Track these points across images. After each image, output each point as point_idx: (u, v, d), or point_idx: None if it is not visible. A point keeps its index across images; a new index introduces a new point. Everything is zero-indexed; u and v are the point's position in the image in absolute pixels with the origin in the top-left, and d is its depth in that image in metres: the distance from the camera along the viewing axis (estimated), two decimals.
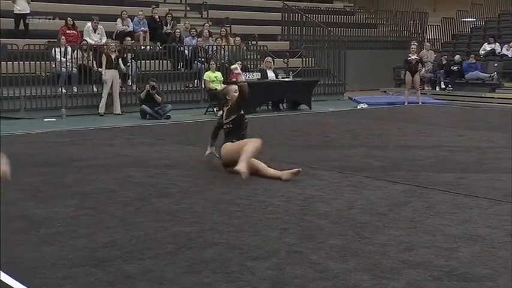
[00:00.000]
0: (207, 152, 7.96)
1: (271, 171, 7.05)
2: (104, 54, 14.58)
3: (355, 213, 5.57)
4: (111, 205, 5.82)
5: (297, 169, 6.94)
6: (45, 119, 13.38)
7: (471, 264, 4.25)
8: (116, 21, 16.92)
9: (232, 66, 8.55)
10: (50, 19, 16.10)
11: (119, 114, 14.34)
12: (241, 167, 6.79)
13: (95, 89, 14.65)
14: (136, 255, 4.37)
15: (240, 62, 15.89)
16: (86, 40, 15.44)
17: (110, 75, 14.34)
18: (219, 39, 17.41)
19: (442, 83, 20.39)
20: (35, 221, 5.29)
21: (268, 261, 4.28)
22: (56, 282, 3.88)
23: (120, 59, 14.68)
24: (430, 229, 5.06)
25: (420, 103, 17.20)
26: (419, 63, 17.73)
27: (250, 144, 7.14)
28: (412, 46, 17.85)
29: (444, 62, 20.65)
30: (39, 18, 16.05)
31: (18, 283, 3.85)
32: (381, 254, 4.44)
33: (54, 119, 13.44)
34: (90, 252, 4.45)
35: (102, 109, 14.29)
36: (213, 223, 5.23)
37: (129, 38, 16.09)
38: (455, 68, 20.11)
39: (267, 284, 3.89)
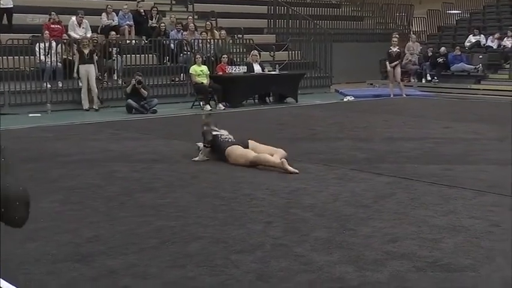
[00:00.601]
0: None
1: (271, 160, 7.11)
2: (76, 50, 14.45)
3: (340, 206, 5.58)
4: (95, 200, 5.79)
5: (294, 171, 6.93)
6: (30, 114, 13.28)
7: (454, 254, 4.27)
8: (100, 15, 16.81)
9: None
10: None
11: (96, 110, 14.10)
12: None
13: (80, 84, 14.55)
14: (120, 250, 4.36)
15: (226, 56, 15.91)
16: (68, 34, 15.32)
17: (84, 71, 14.15)
18: (204, 33, 17.36)
19: (428, 75, 20.45)
20: None
21: (252, 255, 4.28)
22: (39, 278, 3.86)
23: (94, 54, 14.46)
24: (415, 220, 5.09)
25: (404, 95, 17.25)
26: (399, 56, 17.76)
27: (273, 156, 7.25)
28: (394, 39, 17.89)
29: (430, 54, 20.71)
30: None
31: (2, 280, 3.83)
32: (365, 246, 4.45)
33: (39, 114, 13.34)
34: (74, 248, 4.43)
35: (85, 105, 14.14)
36: (198, 217, 5.22)
37: (114, 32, 16.00)
38: (441, 60, 20.17)
39: (251, 277, 3.89)
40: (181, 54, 16.53)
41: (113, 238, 4.65)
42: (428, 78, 20.42)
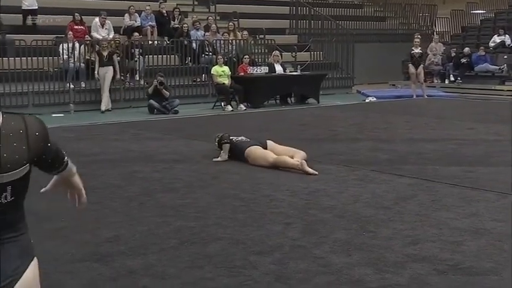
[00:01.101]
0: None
1: (290, 161, 7.10)
2: (95, 52, 14.44)
3: (360, 207, 5.54)
4: (115, 200, 5.82)
5: (313, 172, 6.91)
6: (53, 115, 13.38)
7: (476, 257, 4.21)
8: (123, 16, 16.91)
9: None
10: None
11: (109, 110, 14.01)
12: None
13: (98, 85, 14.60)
14: (139, 251, 4.37)
15: (247, 56, 15.91)
16: (91, 36, 15.42)
17: (102, 73, 14.13)
18: (226, 33, 17.38)
19: (451, 75, 20.26)
20: (39, 216, 5.28)
21: (271, 256, 4.27)
22: (58, 278, 3.88)
23: (114, 56, 14.46)
24: (436, 223, 5.03)
25: (425, 96, 17.09)
26: (422, 57, 17.59)
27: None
28: (416, 39, 17.72)
29: (453, 54, 20.50)
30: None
31: None
32: (385, 248, 4.41)
33: (62, 114, 13.45)
34: (94, 247, 4.46)
35: (103, 106, 14.02)
36: (217, 218, 5.22)
37: (137, 33, 16.09)
38: (464, 60, 19.97)
39: (269, 279, 3.87)
40: (203, 55, 16.56)
41: (132, 238, 4.66)
42: (452, 79, 20.22)
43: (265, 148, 7.50)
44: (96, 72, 14.27)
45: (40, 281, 3.64)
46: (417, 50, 17.44)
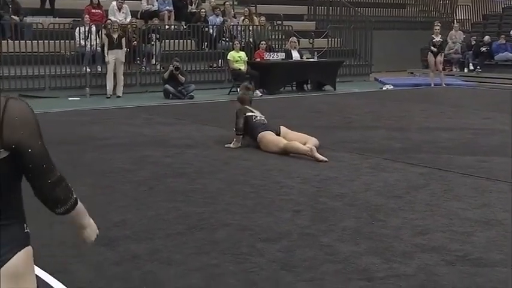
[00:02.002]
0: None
1: (301, 147, 7.07)
2: (105, 35, 14.20)
3: (370, 196, 5.49)
4: (125, 184, 5.82)
5: (323, 159, 6.87)
6: (70, 98, 13.44)
7: (486, 249, 4.16)
8: (141, 0, 16.88)
9: None
10: None
11: (119, 96, 13.83)
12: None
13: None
14: (146, 235, 4.36)
15: (264, 42, 15.82)
16: (110, 19, 15.40)
17: (112, 56, 13.91)
18: (245, 19, 17.29)
19: (470, 64, 20.02)
20: None
21: (278, 243, 4.24)
22: (63, 261, 3.89)
23: (123, 39, 14.19)
24: (447, 213, 4.97)
25: (443, 84, 16.89)
26: (442, 45, 17.35)
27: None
28: (436, 27, 17.47)
29: (473, 43, 20.25)
30: None
31: None
32: (394, 238, 4.37)
33: (78, 98, 13.49)
34: (101, 232, 4.34)
35: (109, 91, 13.88)
36: (226, 204, 5.20)
37: (155, 18, 16.05)
38: (484, 49, 19.71)
39: (275, 266, 3.85)
40: (220, 41, 16.49)
41: (140, 223, 4.66)
42: (471, 67, 19.98)
43: (278, 134, 7.46)
44: (106, 54, 14.05)
45: (38, 261, 3.64)
46: (438, 38, 17.20)
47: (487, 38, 20.03)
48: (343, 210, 5.04)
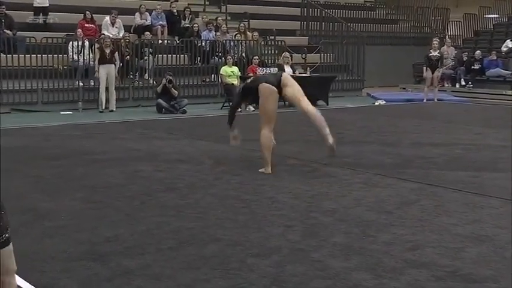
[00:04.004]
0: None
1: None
2: (97, 49, 14.20)
3: (362, 211, 5.50)
4: (117, 199, 5.81)
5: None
6: (62, 112, 13.44)
7: (476, 264, 4.16)
8: (134, 15, 16.95)
9: None
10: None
11: (113, 111, 13.82)
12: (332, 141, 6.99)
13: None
14: (137, 251, 4.35)
15: (257, 57, 15.87)
16: (103, 34, 15.43)
17: (104, 71, 13.87)
18: (238, 34, 17.37)
19: (462, 80, 20.15)
20: (39, 213, 5.30)
21: (269, 259, 4.24)
22: (53, 276, 3.87)
23: (115, 54, 14.21)
24: (437, 228, 4.98)
25: (436, 100, 16.98)
26: (440, 61, 17.47)
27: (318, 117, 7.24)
28: (434, 42, 17.58)
29: (465, 58, 20.39)
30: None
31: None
32: (384, 253, 4.37)
33: (70, 112, 13.50)
34: (92, 246, 4.44)
35: (102, 106, 13.88)
36: (217, 219, 5.19)
37: (148, 33, 16.11)
38: (476, 66, 19.86)
39: (265, 282, 3.84)
40: (214, 57, 16.53)
41: (131, 238, 4.65)
42: (463, 83, 20.11)
43: (279, 83, 7.18)
44: (96, 69, 14.04)
45: (27, 277, 3.64)
46: (435, 53, 17.29)
47: (478, 52, 20.18)
48: (334, 226, 5.05)
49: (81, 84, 14.31)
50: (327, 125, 7.08)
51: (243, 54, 16.84)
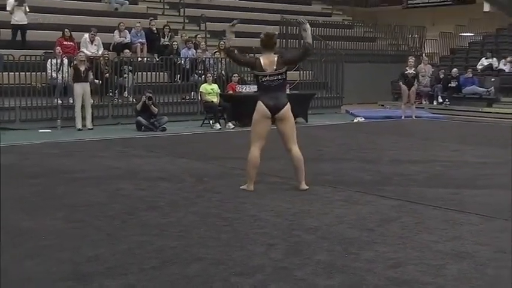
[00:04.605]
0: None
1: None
2: (71, 67, 13.99)
3: (344, 229, 5.53)
4: (98, 218, 5.77)
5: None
6: (41, 130, 13.34)
7: (457, 281, 4.20)
8: (113, 32, 16.94)
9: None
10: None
11: (90, 129, 13.70)
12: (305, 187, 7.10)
13: (91, 100, 14.57)
14: (119, 271, 4.32)
15: (236, 75, 15.93)
16: (83, 51, 15.39)
17: (79, 89, 13.69)
18: (217, 52, 17.43)
19: (439, 97, 20.40)
20: (20, 233, 5.24)
21: (252, 277, 4.23)
22: None
23: (90, 71, 14.04)
24: (419, 245, 5.02)
25: (413, 117, 17.17)
26: (416, 78, 17.70)
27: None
28: (410, 60, 17.83)
29: (442, 76, 20.67)
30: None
31: None
32: (367, 271, 4.39)
33: (49, 130, 13.40)
34: (74, 266, 4.40)
35: (78, 124, 13.71)
36: (200, 237, 5.18)
37: (127, 50, 16.10)
38: (453, 84, 20.13)
39: None
40: (193, 74, 16.55)
41: (113, 258, 4.61)
42: (440, 100, 20.36)
43: (278, 111, 7.15)
44: (73, 88, 13.82)
45: None
46: (411, 71, 17.51)
47: (455, 70, 20.48)
48: (316, 244, 5.06)
49: (59, 102, 14.24)
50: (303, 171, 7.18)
51: (223, 72, 16.90)
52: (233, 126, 14.50)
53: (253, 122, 7.18)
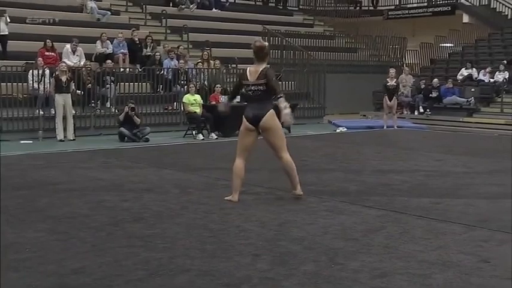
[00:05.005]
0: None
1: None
2: (53, 78, 13.88)
3: (329, 239, 5.54)
4: (82, 230, 5.73)
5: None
6: (22, 141, 13.24)
7: None
8: (95, 43, 16.89)
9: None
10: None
11: (72, 140, 13.60)
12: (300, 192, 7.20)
13: (73, 111, 14.49)
14: (105, 283, 4.29)
15: (219, 85, 15.95)
16: (64, 62, 15.32)
17: (60, 100, 13.60)
18: (200, 63, 17.45)
19: (420, 107, 20.58)
20: (3, 246, 5.19)
21: None
22: None
23: (72, 82, 13.96)
24: (404, 255, 5.04)
25: (395, 127, 17.30)
26: (397, 89, 17.87)
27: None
28: (391, 71, 17.99)
29: (423, 86, 20.86)
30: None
31: None
32: (353, 281, 4.40)
33: (31, 141, 13.31)
34: (59, 279, 4.37)
35: (60, 135, 13.58)
36: (185, 249, 5.16)
37: (109, 61, 16.05)
38: (434, 94, 20.34)
39: None
40: (176, 85, 16.54)
41: (98, 269, 4.58)
42: (421, 110, 20.54)
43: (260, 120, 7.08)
44: (54, 98, 13.71)
45: None
46: (392, 82, 17.67)
47: (435, 81, 20.71)
48: (302, 254, 5.06)
49: (41, 112, 14.14)
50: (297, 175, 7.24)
51: (205, 83, 16.91)
52: (216, 137, 14.50)
53: (239, 134, 7.24)
